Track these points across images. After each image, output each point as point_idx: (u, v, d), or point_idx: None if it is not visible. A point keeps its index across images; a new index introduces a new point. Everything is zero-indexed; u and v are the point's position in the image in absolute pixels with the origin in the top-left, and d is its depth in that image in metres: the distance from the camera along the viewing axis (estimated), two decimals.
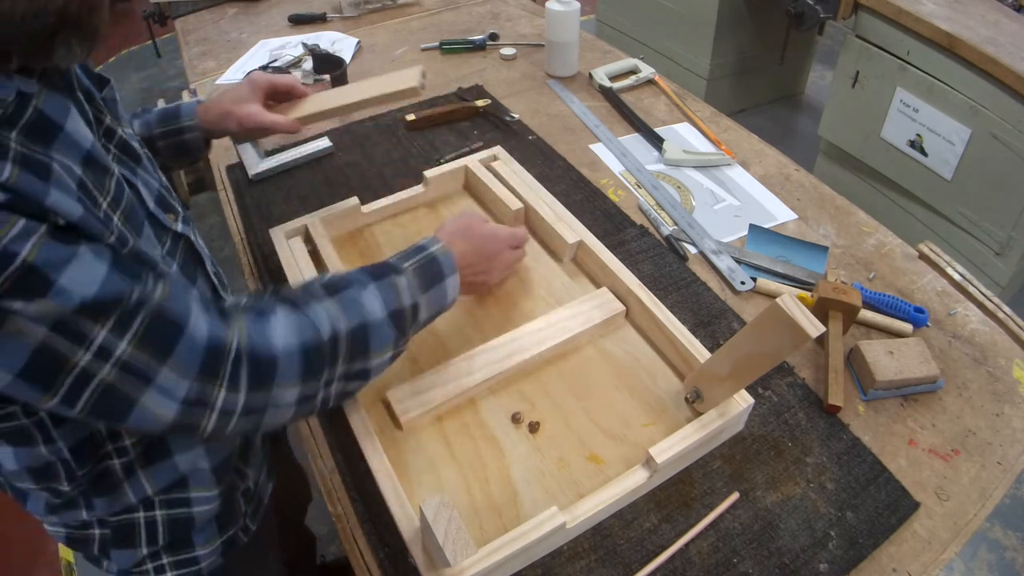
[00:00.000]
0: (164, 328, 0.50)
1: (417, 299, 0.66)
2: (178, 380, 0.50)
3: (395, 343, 0.64)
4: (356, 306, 0.61)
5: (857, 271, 0.93)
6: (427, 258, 0.69)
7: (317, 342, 0.57)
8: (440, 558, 0.54)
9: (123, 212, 0.54)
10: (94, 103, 0.61)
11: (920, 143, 1.95)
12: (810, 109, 3.02)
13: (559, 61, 1.37)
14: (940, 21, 1.77)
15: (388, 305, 0.63)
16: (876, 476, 0.69)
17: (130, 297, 0.48)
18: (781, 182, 1.09)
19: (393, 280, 0.64)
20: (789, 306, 0.57)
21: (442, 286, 0.69)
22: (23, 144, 0.46)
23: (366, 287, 0.62)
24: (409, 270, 0.66)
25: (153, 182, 0.66)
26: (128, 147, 0.64)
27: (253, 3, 1.79)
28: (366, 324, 0.61)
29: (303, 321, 0.57)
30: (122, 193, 0.55)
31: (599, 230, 0.95)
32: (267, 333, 0.55)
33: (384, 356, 0.63)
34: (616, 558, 0.64)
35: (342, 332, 0.59)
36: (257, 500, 0.82)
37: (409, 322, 0.65)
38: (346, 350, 0.59)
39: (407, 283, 0.65)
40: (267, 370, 0.54)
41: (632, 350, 0.80)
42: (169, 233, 0.66)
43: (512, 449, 0.71)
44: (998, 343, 0.83)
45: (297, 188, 1.10)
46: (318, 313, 0.58)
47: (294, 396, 0.57)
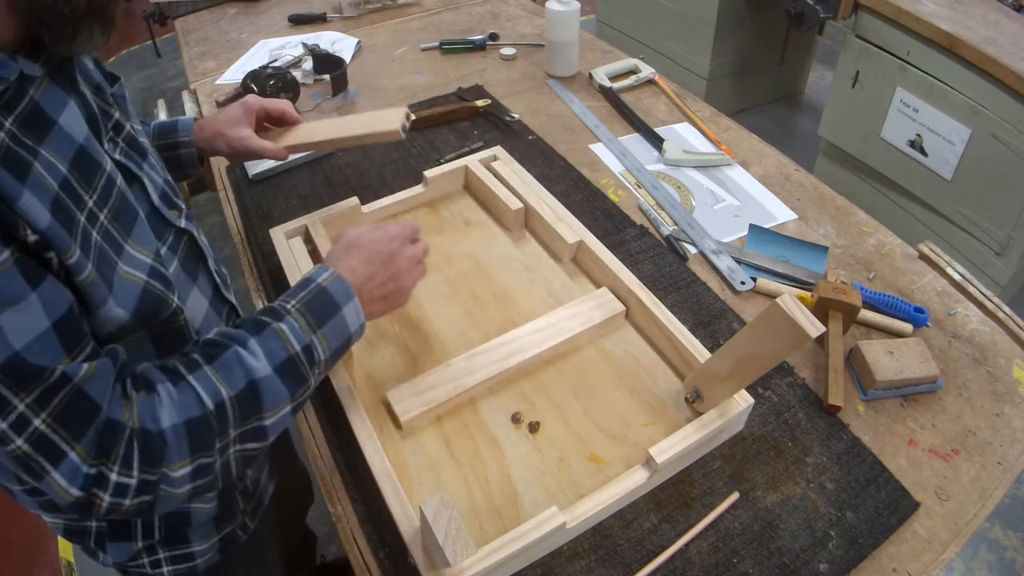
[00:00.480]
0: (83, 408, 0.49)
1: (308, 340, 0.61)
2: (83, 460, 0.50)
3: (292, 395, 0.60)
4: (238, 367, 0.57)
5: (857, 271, 0.93)
6: (314, 291, 0.64)
7: (202, 415, 0.55)
8: (440, 558, 0.54)
9: (111, 210, 0.54)
10: (104, 97, 0.62)
11: (920, 143, 1.95)
12: (810, 109, 3.02)
13: (559, 61, 1.37)
14: (940, 21, 1.77)
15: (273, 358, 0.58)
16: (876, 476, 0.69)
17: (53, 373, 0.47)
18: (781, 182, 1.09)
19: (274, 328, 0.60)
20: (789, 306, 0.57)
21: (339, 317, 0.64)
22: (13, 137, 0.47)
23: (246, 344, 0.58)
24: (294, 311, 0.62)
25: (158, 178, 0.67)
26: (135, 142, 0.65)
27: (253, 3, 1.79)
28: (253, 383, 0.57)
29: (185, 395, 0.55)
30: (111, 190, 0.55)
31: (599, 230, 0.95)
32: (154, 412, 0.54)
33: (282, 410, 0.59)
34: (616, 558, 0.64)
35: (226, 399, 0.56)
36: (257, 500, 0.82)
37: (304, 367, 0.60)
38: (235, 415, 0.56)
39: (292, 326, 0.60)
40: (156, 448, 0.53)
41: (632, 350, 0.80)
42: (172, 229, 0.66)
43: (512, 449, 0.71)
44: (998, 343, 0.83)
45: (297, 188, 1.10)
46: (201, 384, 0.56)
47: (187, 471, 0.54)
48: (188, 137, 0.85)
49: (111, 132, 0.61)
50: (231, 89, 1.37)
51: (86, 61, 0.63)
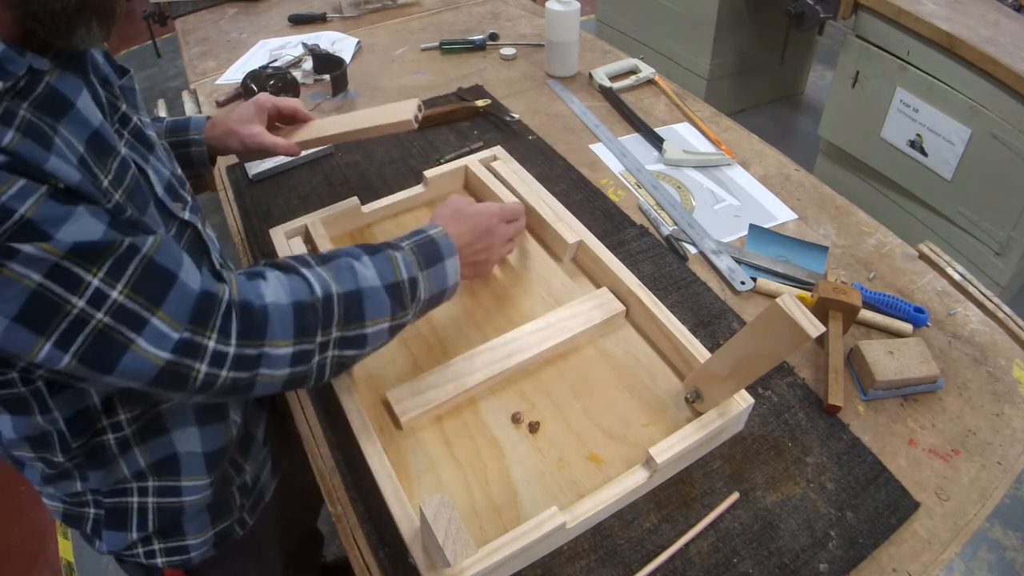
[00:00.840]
0: (157, 276, 0.51)
1: (416, 274, 0.66)
2: (170, 326, 0.51)
3: (392, 313, 0.64)
4: (350, 273, 0.62)
5: (857, 271, 0.93)
6: (425, 239, 0.69)
7: (310, 300, 0.58)
8: (440, 558, 0.54)
9: (125, 190, 0.55)
10: (111, 90, 0.63)
11: (920, 143, 1.95)
12: (810, 109, 3.02)
13: (559, 61, 1.37)
14: (940, 21, 1.77)
15: (383, 276, 0.63)
16: (876, 476, 0.69)
17: (122, 244, 0.49)
18: (781, 182, 1.09)
19: (389, 254, 0.65)
20: (789, 306, 0.57)
21: (441, 266, 0.69)
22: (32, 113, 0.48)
23: (360, 259, 0.63)
24: (407, 247, 0.67)
25: (164, 171, 0.68)
26: (141, 134, 0.66)
27: (253, 3, 1.79)
28: (360, 290, 0.62)
29: (294, 281, 0.59)
30: (125, 173, 0.56)
31: (599, 230, 0.95)
32: (259, 289, 0.57)
33: (381, 324, 0.64)
34: (616, 558, 0.64)
35: (334, 294, 0.60)
36: (256, 496, 0.82)
37: (408, 296, 0.65)
38: (340, 312, 0.60)
39: (404, 258, 0.66)
40: (258, 322, 0.55)
41: (632, 350, 0.80)
42: (176, 220, 0.67)
43: (512, 449, 0.71)
44: (998, 343, 0.83)
45: (297, 188, 1.10)
46: (310, 276, 0.60)
47: (287, 352, 0.57)
48: (200, 135, 0.86)
49: (117, 124, 0.62)
50: (231, 89, 1.37)
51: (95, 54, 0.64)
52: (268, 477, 0.85)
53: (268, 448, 0.85)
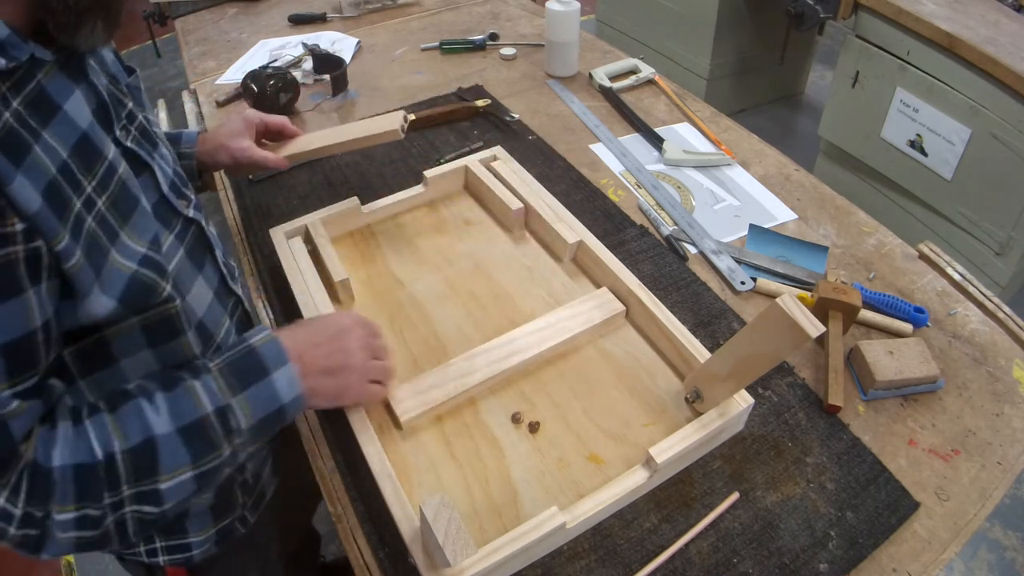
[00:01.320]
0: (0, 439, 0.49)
1: (226, 402, 0.57)
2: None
3: (194, 460, 0.56)
4: (136, 421, 0.54)
5: (857, 271, 0.93)
6: (243, 351, 0.59)
7: (92, 463, 0.52)
8: (440, 558, 0.54)
9: (109, 197, 0.55)
10: (118, 87, 0.64)
11: (920, 143, 1.95)
12: (810, 109, 3.02)
13: (559, 61, 1.37)
14: (940, 21, 1.77)
15: (179, 416, 0.55)
16: (876, 476, 0.69)
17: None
18: (781, 182, 1.09)
19: (187, 385, 0.57)
20: (789, 306, 0.57)
21: (266, 382, 0.59)
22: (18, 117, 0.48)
23: (153, 398, 0.56)
24: (214, 369, 0.58)
25: (168, 168, 0.68)
26: (147, 132, 0.66)
27: (253, 3, 1.79)
28: (149, 440, 0.54)
29: (80, 439, 0.53)
30: (111, 179, 0.56)
31: (599, 230, 0.95)
32: (49, 448, 0.52)
33: (181, 475, 0.55)
34: (616, 558, 0.64)
35: (116, 452, 0.53)
36: (258, 494, 0.82)
37: (216, 432, 0.57)
38: (127, 471, 0.53)
39: (208, 385, 0.57)
40: (43, 486, 0.51)
41: (632, 350, 0.80)
42: (180, 218, 0.67)
43: (512, 449, 0.71)
44: (998, 343, 0.83)
45: (297, 188, 1.10)
46: (96, 431, 0.54)
47: (71, 517, 0.52)
48: (191, 149, 0.86)
49: (124, 120, 0.63)
50: (231, 89, 1.37)
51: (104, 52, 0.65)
52: (269, 475, 0.85)
53: (269, 447, 0.85)
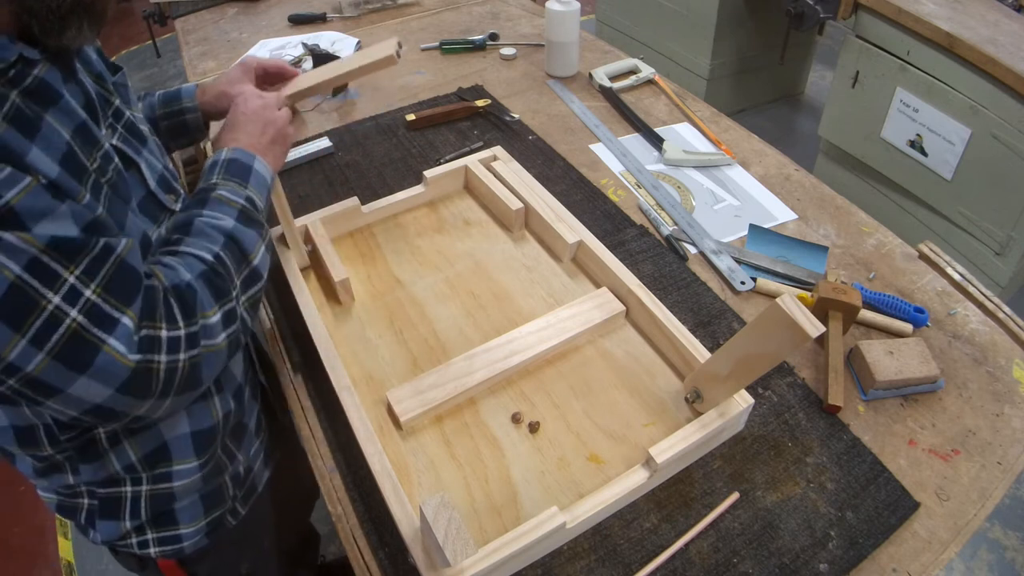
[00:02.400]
0: (128, 277, 0.53)
1: (244, 193, 0.69)
2: (135, 325, 0.53)
3: (260, 236, 0.68)
4: (212, 228, 0.64)
5: (857, 271, 0.93)
6: (224, 164, 0.71)
7: (209, 267, 0.61)
8: (440, 558, 0.54)
9: (108, 182, 0.57)
10: (104, 85, 0.65)
11: (920, 143, 1.95)
12: (810, 109, 3.02)
13: (559, 61, 1.37)
14: (940, 21, 1.77)
15: (230, 213, 0.66)
16: (876, 476, 0.69)
17: (97, 244, 0.51)
18: (781, 182, 1.09)
19: (215, 196, 0.67)
20: (789, 306, 0.57)
21: (253, 172, 0.72)
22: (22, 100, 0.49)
23: (202, 214, 0.65)
24: (220, 181, 0.69)
25: (157, 164, 0.70)
26: (134, 128, 0.67)
27: (253, 3, 1.79)
28: (229, 235, 0.64)
29: (186, 259, 0.61)
30: (108, 166, 0.58)
31: (599, 230, 0.95)
32: (176, 271, 0.59)
33: (259, 251, 0.68)
34: (616, 558, 0.64)
35: (219, 251, 0.63)
36: (249, 486, 0.83)
37: (254, 212, 0.69)
38: (231, 261, 0.63)
39: (227, 190, 0.68)
40: (190, 299, 0.58)
41: (632, 350, 0.80)
42: (167, 213, 0.69)
43: (512, 449, 0.71)
44: (998, 343, 0.83)
45: (297, 188, 1.10)
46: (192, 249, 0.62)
47: (219, 318, 0.60)
48: (192, 103, 0.88)
49: (111, 119, 0.64)
50: None
51: (88, 51, 0.65)
52: (261, 467, 0.86)
53: (260, 439, 0.85)
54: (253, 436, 0.84)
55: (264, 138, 0.76)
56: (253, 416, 0.84)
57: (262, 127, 0.77)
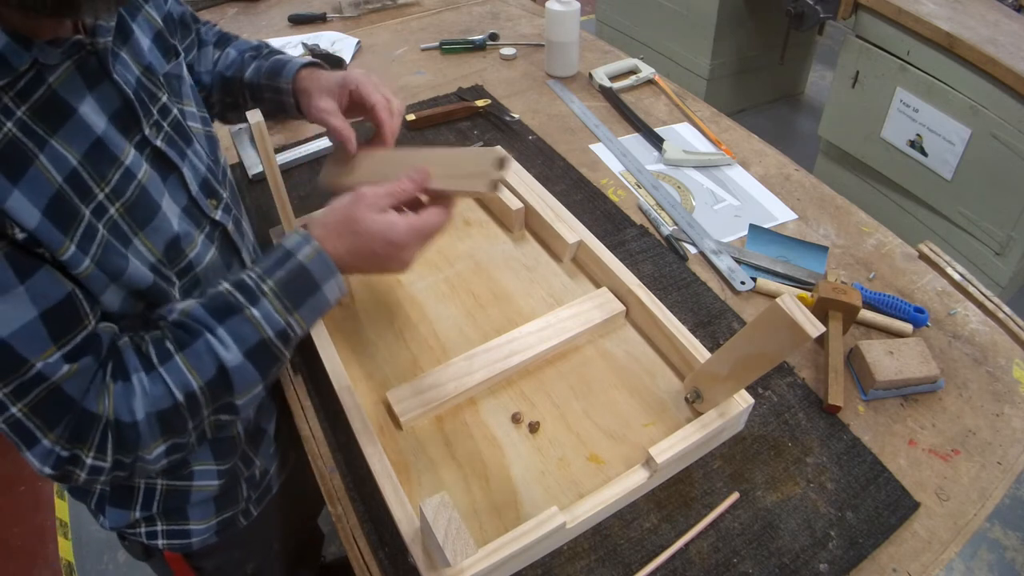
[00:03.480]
0: (58, 404, 0.51)
1: (285, 322, 0.58)
2: (57, 445, 0.52)
3: (264, 376, 0.59)
4: (208, 356, 0.56)
5: (857, 271, 0.93)
6: (294, 270, 0.59)
7: (173, 405, 0.55)
8: (440, 558, 0.54)
9: (124, 204, 0.55)
10: (153, 78, 0.61)
11: (920, 143, 1.95)
12: (810, 109, 3.02)
13: (559, 61, 1.37)
14: (940, 21, 1.77)
15: (244, 343, 0.57)
16: (876, 476, 0.69)
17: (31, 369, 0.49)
18: (781, 182, 1.09)
19: (247, 315, 0.57)
20: (789, 306, 0.57)
21: (318, 295, 0.60)
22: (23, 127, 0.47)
23: (215, 331, 0.56)
24: (269, 293, 0.58)
25: (201, 165, 0.66)
26: (181, 127, 0.64)
27: (253, 3, 1.79)
28: (223, 370, 0.56)
29: (156, 388, 0.55)
30: (128, 185, 0.55)
31: (599, 230, 0.95)
32: (130, 403, 0.54)
33: (254, 390, 0.59)
34: (616, 558, 0.64)
35: (196, 388, 0.56)
36: (264, 488, 0.83)
37: (279, 348, 0.59)
38: (207, 400, 0.57)
39: (267, 311, 0.57)
40: (131, 438, 0.54)
41: (632, 350, 0.80)
42: (208, 220, 0.67)
43: (512, 449, 0.71)
44: (998, 343, 0.83)
45: (297, 188, 1.10)
46: (172, 375, 0.55)
47: (161, 450, 0.57)
48: (288, 86, 0.78)
49: (156, 116, 0.61)
50: None
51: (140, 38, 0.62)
52: (276, 471, 0.85)
53: (277, 443, 0.85)
54: (271, 440, 0.83)
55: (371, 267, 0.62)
56: (272, 421, 0.84)
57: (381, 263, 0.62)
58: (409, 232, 0.61)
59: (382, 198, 0.61)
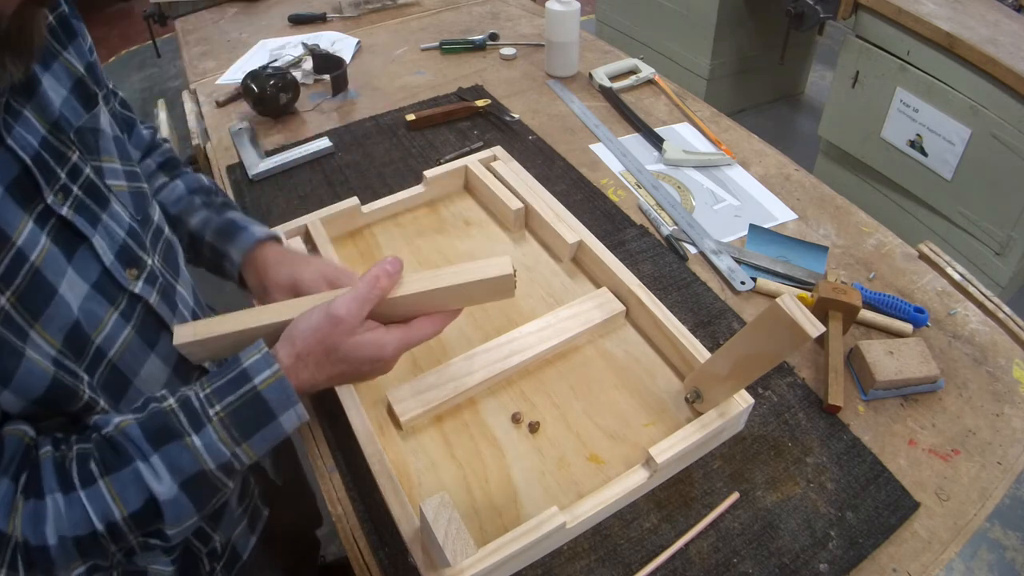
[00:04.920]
0: None
1: (231, 452, 0.54)
2: None
3: (201, 508, 0.54)
4: (134, 487, 0.51)
5: (857, 271, 0.93)
6: (247, 396, 0.54)
7: (90, 533, 0.50)
8: (440, 558, 0.54)
9: (15, 292, 0.49)
10: (61, 136, 0.55)
11: (920, 143, 1.95)
12: (810, 109, 3.02)
13: (559, 61, 1.37)
14: (940, 21, 1.77)
15: (180, 474, 0.52)
16: (876, 476, 0.69)
17: None
18: (781, 182, 1.09)
19: (186, 443, 0.52)
20: (789, 306, 0.57)
21: (274, 425, 0.55)
22: None
23: (149, 459, 0.52)
24: (215, 420, 0.53)
25: (119, 230, 0.59)
26: (95, 188, 0.57)
27: (253, 3, 1.79)
28: (152, 502, 0.52)
29: (73, 511, 0.50)
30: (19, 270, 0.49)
31: (599, 230, 0.95)
32: (40, 527, 0.49)
33: (186, 523, 0.54)
34: (616, 558, 0.64)
35: (118, 519, 0.51)
36: (229, 556, 0.76)
37: (221, 480, 0.55)
38: (131, 528, 0.52)
39: (210, 442, 0.53)
40: (42, 561, 0.50)
41: (632, 350, 0.80)
42: (125, 294, 0.59)
43: (512, 449, 0.71)
44: (998, 343, 0.83)
45: (297, 188, 1.10)
46: (92, 502, 0.50)
47: (81, 571, 0.53)
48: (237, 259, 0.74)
49: (65, 179, 0.54)
50: (231, 89, 1.37)
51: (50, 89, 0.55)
52: (243, 535, 0.78)
53: (245, 505, 0.78)
54: (235, 507, 0.76)
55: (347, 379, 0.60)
56: (236, 490, 0.76)
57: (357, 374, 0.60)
58: (399, 349, 0.59)
59: (358, 313, 0.57)
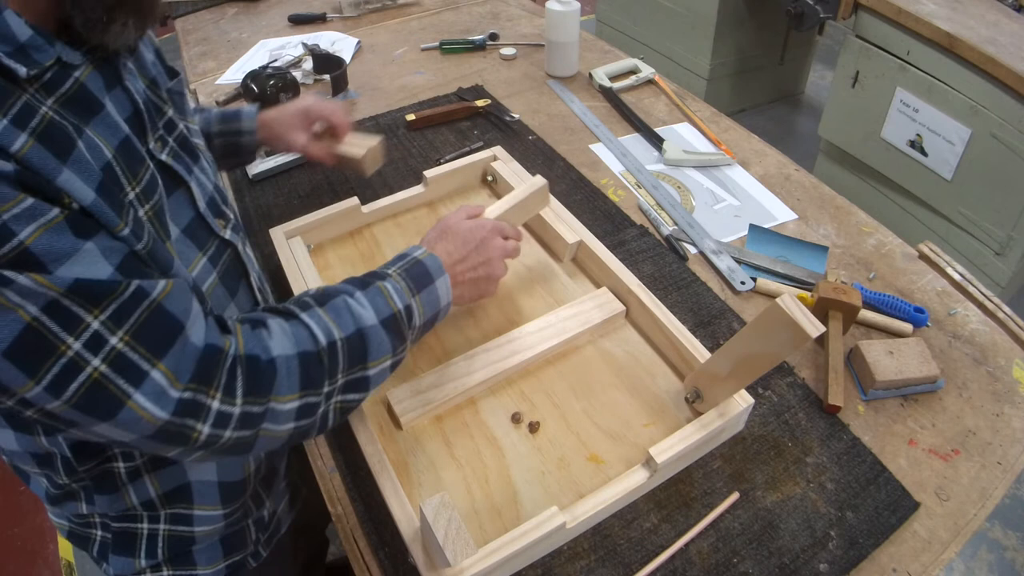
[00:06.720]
0: (163, 325, 0.47)
1: (409, 301, 0.63)
2: (171, 382, 0.47)
3: (393, 350, 0.61)
4: (347, 314, 0.58)
5: (857, 271, 0.93)
6: (411, 262, 0.66)
7: (315, 349, 0.55)
8: (440, 558, 0.54)
9: (152, 207, 0.52)
10: (158, 92, 0.60)
11: (920, 143, 1.95)
12: (810, 109, 3.02)
13: (559, 61, 1.37)
14: (940, 21, 1.77)
15: (379, 311, 0.60)
16: (876, 476, 0.69)
17: (128, 287, 0.45)
18: (781, 182, 1.09)
19: (379, 286, 0.62)
20: (789, 306, 0.57)
21: (432, 288, 0.65)
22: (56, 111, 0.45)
23: (354, 295, 0.60)
24: (395, 274, 0.64)
25: (208, 183, 0.65)
26: (187, 143, 0.63)
27: (253, 3, 1.79)
28: (361, 331, 0.58)
29: (298, 330, 0.55)
30: (155, 188, 0.53)
31: (599, 230, 0.95)
32: (264, 341, 0.53)
33: (383, 363, 0.61)
34: (616, 558, 0.64)
35: (337, 340, 0.56)
36: (273, 529, 0.80)
37: (405, 326, 0.62)
38: (344, 358, 0.57)
39: (395, 287, 0.62)
40: (264, 378, 0.51)
41: (632, 350, 0.80)
42: (216, 239, 0.64)
43: (512, 449, 0.71)
44: (998, 343, 0.83)
45: (297, 188, 1.10)
46: (313, 322, 0.56)
47: (293, 407, 0.54)
48: (252, 126, 0.87)
49: (162, 130, 0.59)
50: (231, 89, 1.37)
51: (144, 52, 0.61)
52: (286, 510, 0.83)
53: (287, 481, 0.83)
54: (282, 478, 0.82)
55: (470, 271, 0.71)
56: (284, 459, 0.82)
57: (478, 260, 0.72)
58: (496, 226, 0.75)
59: (460, 214, 0.76)
